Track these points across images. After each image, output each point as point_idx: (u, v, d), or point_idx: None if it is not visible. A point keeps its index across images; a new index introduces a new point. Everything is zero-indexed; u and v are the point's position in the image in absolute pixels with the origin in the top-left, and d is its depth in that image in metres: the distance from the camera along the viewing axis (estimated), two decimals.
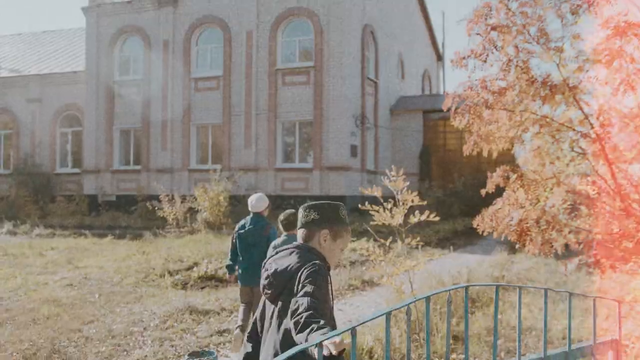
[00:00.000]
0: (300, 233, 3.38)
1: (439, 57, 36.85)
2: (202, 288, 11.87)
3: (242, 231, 7.64)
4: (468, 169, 25.06)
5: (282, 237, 6.88)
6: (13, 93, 30.04)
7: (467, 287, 2.95)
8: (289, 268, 3.19)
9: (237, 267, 7.76)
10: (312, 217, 3.33)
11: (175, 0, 25.50)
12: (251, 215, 7.74)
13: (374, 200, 8.20)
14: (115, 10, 26.80)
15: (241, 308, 7.69)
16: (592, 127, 6.46)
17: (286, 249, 3.35)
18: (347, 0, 23.18)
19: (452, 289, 2.97)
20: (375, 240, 9.83)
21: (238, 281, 7.78)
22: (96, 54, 26.91)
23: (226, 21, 24.75)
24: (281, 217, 6.93)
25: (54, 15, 79.29)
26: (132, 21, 26.49)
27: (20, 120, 29.82)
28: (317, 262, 3.17)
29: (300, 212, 3.41)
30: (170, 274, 12.65)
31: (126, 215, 24.22)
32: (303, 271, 3.09)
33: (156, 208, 21.83)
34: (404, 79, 29.91)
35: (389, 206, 7.75)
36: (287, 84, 23.89)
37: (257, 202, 7.65)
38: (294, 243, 3.35)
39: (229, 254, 7.87)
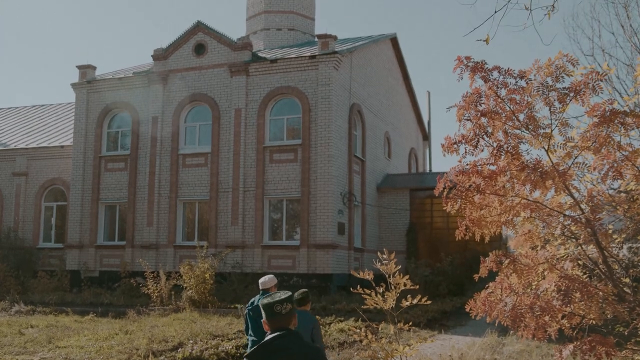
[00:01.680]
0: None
1: (425, 136, 37.38)
2: None
3: (250, 307, 8.40)
4: (455, 248, 25.04)
5: None
6: None
7: None
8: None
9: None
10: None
11: (165, 78, 25.88)
12: (260, 292, 8.59)
13: (361, 281, 8.11)
14: (105, 87, 27.14)
15: None
16: (583, 213, 6.50)
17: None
18: (334, 80, 23.64)
19: None
20: (363, 320, 9.67)
21: None
22: (84, 129, 27.06)
23: (215, 99, 25.09)
24: (295, 294, 7.52)
25: (43, 90, 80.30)
26: (122, 97, 26.79)
27: (4, 193, 29.68)
28: None
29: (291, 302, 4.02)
30: (154, 355, 12.34)
31: (109, 292, 23.81)
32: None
33: (140, 285, 21.53)
34: (390, 157, 30.23)
35: (381, 290, 7.68)
36: (275, 161, 24.05)
37: (265, 280, 8.65)
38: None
39: (245, 332, 8.66)
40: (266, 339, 3.93)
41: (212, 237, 24.16)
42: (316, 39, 26.13)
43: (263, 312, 4.01)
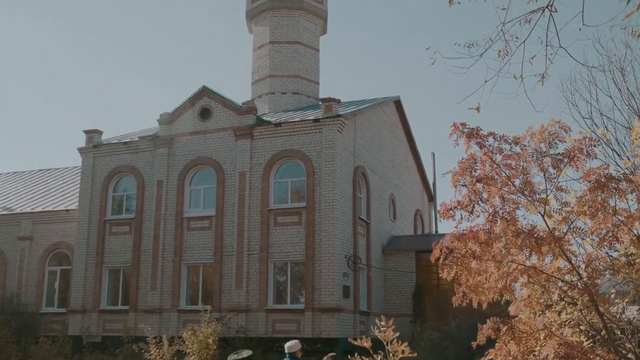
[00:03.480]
0: None
1: (431, 197, 37.33)
2: None
3: None
4: (463, 311, 24.29)
5: None
6: (4, 231, 30.07)
7: None
8: None
9: None
10: None
11: (170, 142, 26.14)
12: (287, 356, 10.09)
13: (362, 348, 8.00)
14: (111, 151, 27.40)
15: None
16: (581, 278, 6.45)
17: None
18: (338, 143, 23.82)
19: None
20: None
21: None
22: (90, 192, 27.21)
23: (220, 162, 25.27)
24: (324, 357, 9.67)
25: (50, 154, 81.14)
26: (127, 161, 27.02)
27: (8, 258, 29.63)
28: None
29: None
30: None
31: (111, 358, 23.47)
32: None
33: (142, 350, 21.23)
34: (395, 219, 30.16)
35: (379, 357, 7.55)
36: (279, 224, 24.03)
37: (292, 345, 10.23)
38: None
39: None
40: None
41: (216, 300, 23.96)
42: (320, 103, 26.45)
43: None
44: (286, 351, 10.20)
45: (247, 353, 4.40)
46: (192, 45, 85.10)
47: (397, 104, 31.61)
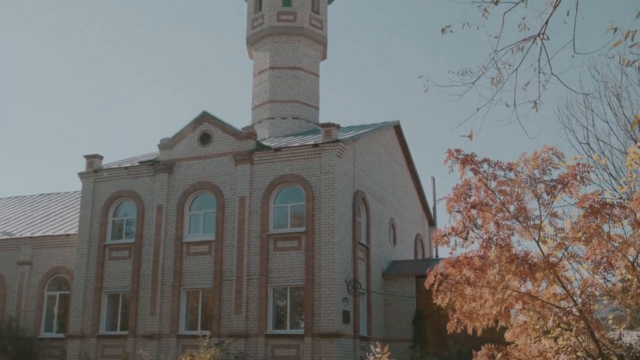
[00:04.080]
0: None
1: (431, 222, 37.28)
2: None
3: None
4: (463, 336, 24.23)
5: None
6: (3, 256, 30.06)
7: None
8: None
9: None
10: None
11: (171, 167, 26.19)
12: None
13: None
14: (112, 176, 27.45)
15: None
16: (575, 304, 6.44)
17: None
18: (337, 168, 23.86)
19: None
20: None
21: None
22: (90, 217, 27.20)
23: (219, 187, 25.30)
24: None
25: (50, 179, 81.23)
26: (128, 186, 27.05)
27: (8, 283, 29.57)
28: None
29: None
30: None
31: None
32: None
33: None
34: (395, 243, 30.09)
35: None
36: (279, 249, 23.99)
37: None
38: None
39: None
40: None
41: (215, 326, 23.83)
42: (320, 128, 26.51)
43: None
44: None
45: None
46: (193, 70, 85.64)
47: (397, 128, 31.72)
